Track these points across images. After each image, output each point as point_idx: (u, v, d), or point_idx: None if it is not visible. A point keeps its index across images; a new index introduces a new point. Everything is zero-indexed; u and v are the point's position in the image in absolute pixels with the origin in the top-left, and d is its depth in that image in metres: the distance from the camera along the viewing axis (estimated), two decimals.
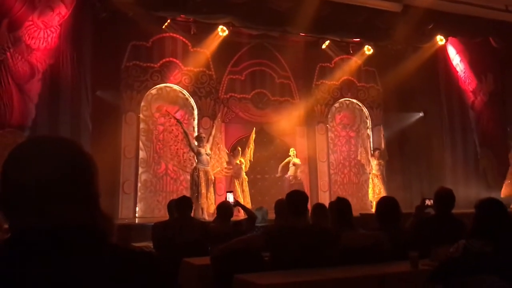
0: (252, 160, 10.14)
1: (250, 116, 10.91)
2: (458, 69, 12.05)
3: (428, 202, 4.07)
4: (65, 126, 8.16)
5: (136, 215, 9.61)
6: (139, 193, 9.77)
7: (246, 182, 9.96)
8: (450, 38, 11.57)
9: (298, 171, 10.59)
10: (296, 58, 11.36)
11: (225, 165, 9.82)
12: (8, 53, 7.75)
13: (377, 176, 10.83)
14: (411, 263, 3.04)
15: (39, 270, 0.83)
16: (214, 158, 9.51)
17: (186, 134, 9.20)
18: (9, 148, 0.96)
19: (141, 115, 9.97)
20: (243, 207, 5.39)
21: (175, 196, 7.63)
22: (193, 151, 9.15)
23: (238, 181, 9.86)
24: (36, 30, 8.03)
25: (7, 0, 7.73)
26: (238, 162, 9.91)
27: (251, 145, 10.13)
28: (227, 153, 9.99)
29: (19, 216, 0.89)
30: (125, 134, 9.73)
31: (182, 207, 4.71)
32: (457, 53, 12.04)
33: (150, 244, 5.24)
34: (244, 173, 9.98)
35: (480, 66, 11.95)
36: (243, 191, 9.77)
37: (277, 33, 10.72)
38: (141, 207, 9.75)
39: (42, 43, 8.10)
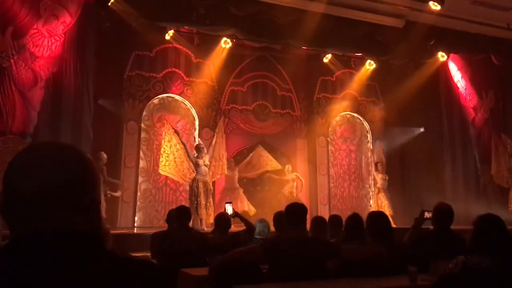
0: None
1: (251, 127, 10.94)
2: (459, 85, 12.09)
3: (427, 214, 4.06)
4: (67, 134, 8.17)
5: (135, 224, 9.57)
6: (138, 203, 9.75)
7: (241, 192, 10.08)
8: (451, 55, 11.62)
9: (294, 187, 10.60)
10: (297, 71, 11.42)
11: (226, 172, 9.82)
12: (12, 60, 7.79)
13: (381, 190, 10.81)
14: (410, 277, 3.03)
15: (38, 275, 0.84)
16: (214, 165, 9.46)
17: (184, 145, 9.18)
18: (11, 155, 0.97)
19: (142, 125, 10.00)
20: (242, 218, 5.37)
21: (174, 207, 7.61)
22: (192, 162, 9.14)
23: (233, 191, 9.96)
24: (41, 38, 8.08)
25: (13, 8, 7.79)
26: (230, 174, 10.04)
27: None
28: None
29: (20, 222, 0.90)
30: (126, 143, 9.76)
31: (180, 216, 4.70)
32: (458, 69, 12.08)
33: (148, 254, 5.22)
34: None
35: (481, 83, 11.99)
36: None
37: (279, 46, 10.79)
38: (140, 216, 9.73)
39: (46, 51, 8.14)
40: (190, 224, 5.45)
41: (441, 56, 11.35)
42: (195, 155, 9.03)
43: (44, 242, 0.87)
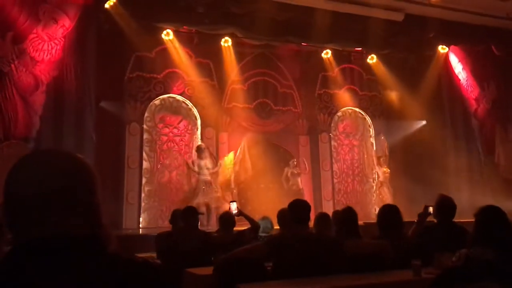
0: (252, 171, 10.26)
1: (253, 125, 10.93)
2: (460, 77, 12.05)
3: (431, 209, 4.06)
4: (69, 137, 8.19)
5: (140, 225, 9.61)
6: (143, 203, 9.78)
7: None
8: (452, 47, 11.60)
9: (299, 182, 10.62)
10: (298, 68, 11.43)
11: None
12: (13, 65, 7.80)
13: (384, 184, 10.78)
14: (414, 271, 3.03)
15: (41, 279, 0.85)
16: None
17: (188, 166, 9.36)
18: (14, 160, 0.98)
19: (144, 126, 10.02)
20: (246, 217, 5.37)
21: (178, 206, 7.64)
22: (194, 171, 9.30)
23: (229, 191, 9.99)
24: (41, 42, 8.10)
25: (12, 13, 7.81)
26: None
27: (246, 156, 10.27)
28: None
29: (22, 227, 0.91)
30: (129, 145, 9.78)
31: (188, 216, 4.72)
32: (459, 61, 12.04)
33: (154, 254, 5.24)
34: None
35: (483, 74, 11.94)
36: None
37: (279, 43, 10.79)
38: (145, 217, 9.76)
39: (46, 55, 8.16)
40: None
41: (442, 48, 11.32)
42: (196, 156, 9.08)
43: (44, 247, 0.88)
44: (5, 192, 0.93)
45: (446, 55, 11.79)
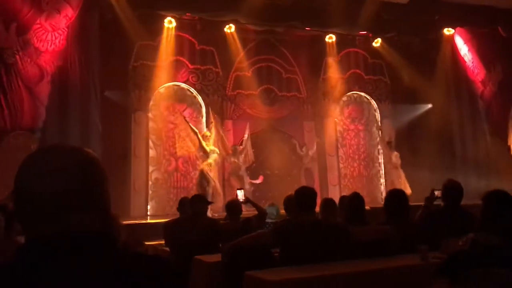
0: (253, 159, 10.25)
1: (258, 112, 10.91)
2: (466, 59, 11.94)
3: (437, 193, 4.06)
4: (75, 127, 8.23)
5: (148, 213, 9.68)
6: (150, 192, 9.85)
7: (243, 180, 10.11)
8: (457, 28, 11.47)
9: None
10: (302, 53, 11.35)
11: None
12: (18, 56, 7.82)
13: (398, 168, 10.80)
14: (421, 256, 3.05)
15: (53, 275, 0.87)
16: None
17: (196, 134, 9.31)
18: (21, 151, 1.00)
19: (150, 114, 10.03)
20: (254, 204, 5.40)
21: (186, 193, 7.70)
22: (204, 149, 9.19)
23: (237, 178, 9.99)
24: (44, 32, 8.10)
25: (15, 4, 7.80)
26: (235, 160, 10.03)
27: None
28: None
29: (33, 224, 0.93)
30: (135, 133, 9.81)
31: (195, 204, 4.75)
32: (464, 43, 11.92)
33: (162, 242, 5.30)
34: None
35: (489, 56, 11.82)
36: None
37: (283, 29, 10.70)
38: (153, 205, 9.83)
39: (50, 46, 8.16)
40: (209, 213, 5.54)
41: (447, 30, 11.20)
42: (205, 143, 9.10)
43: (56, 243, 0.90)
44: (15, 188, 0.94)
45: (452, 37, 11.67)
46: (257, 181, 10.22)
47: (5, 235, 3.05)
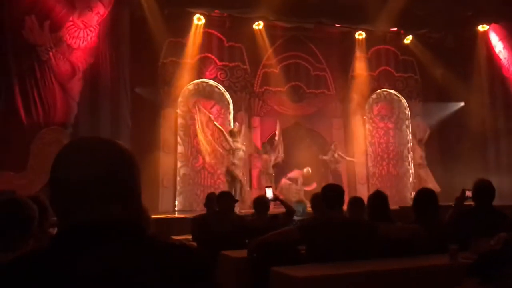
0: (283, 156, 10.22)
1: (286, 109, 10.88)
2: (501, 56, 11.56)
3: (468, 193, 3.96)
4: (106, 123, 8.39)
5: (176, 208, 9.80)
6: (178, 187, 9.96)
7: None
8: (492, 24, 11.14)
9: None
10: (331, 50, 11.27)
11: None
12: (51, 53, 8.02)
13: (424, 166, 10.61)
14: (451, 256, 2.98)
15: (87, 262, 0.89)
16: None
17: (221, 130, 9.37)
18: (53, 145, 1.02)
19: (178, 111, 10.14)
20: (282, 202, 5.38)
21: (212, 190, 7.75)
22: (229, 146, 9.25)
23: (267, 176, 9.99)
24: (77, 30, 8.28)
25: (49, 2, 7.99)
26: (267, 157, 10.04)
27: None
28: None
29: (68, 213, 0.95)
30: (164, 130, 9.93)
31: (223, 200, 4.78)
32: (499, 39, 11.55)
33: (189, 237, 5.35)
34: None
35: None
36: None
37: (312, 25, 10.64)
38: (180, 200, 9.95)
39: (82, 43, 8.34)
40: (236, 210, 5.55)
41: (482, 27, 10.90)
42: (231, 140, 9.13)
43: (88, 232, 0.92)
44: (51, 177, 0.97)
45: (486, 33, 11.34)
46: (309, 188, 10.03)
47: (38, 226, 3.13)
